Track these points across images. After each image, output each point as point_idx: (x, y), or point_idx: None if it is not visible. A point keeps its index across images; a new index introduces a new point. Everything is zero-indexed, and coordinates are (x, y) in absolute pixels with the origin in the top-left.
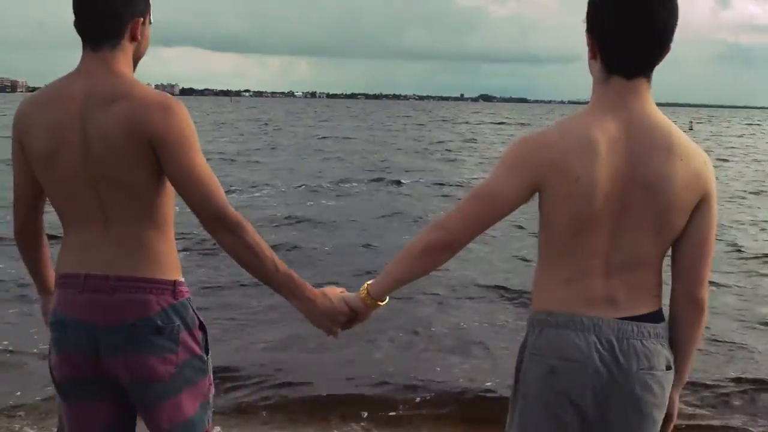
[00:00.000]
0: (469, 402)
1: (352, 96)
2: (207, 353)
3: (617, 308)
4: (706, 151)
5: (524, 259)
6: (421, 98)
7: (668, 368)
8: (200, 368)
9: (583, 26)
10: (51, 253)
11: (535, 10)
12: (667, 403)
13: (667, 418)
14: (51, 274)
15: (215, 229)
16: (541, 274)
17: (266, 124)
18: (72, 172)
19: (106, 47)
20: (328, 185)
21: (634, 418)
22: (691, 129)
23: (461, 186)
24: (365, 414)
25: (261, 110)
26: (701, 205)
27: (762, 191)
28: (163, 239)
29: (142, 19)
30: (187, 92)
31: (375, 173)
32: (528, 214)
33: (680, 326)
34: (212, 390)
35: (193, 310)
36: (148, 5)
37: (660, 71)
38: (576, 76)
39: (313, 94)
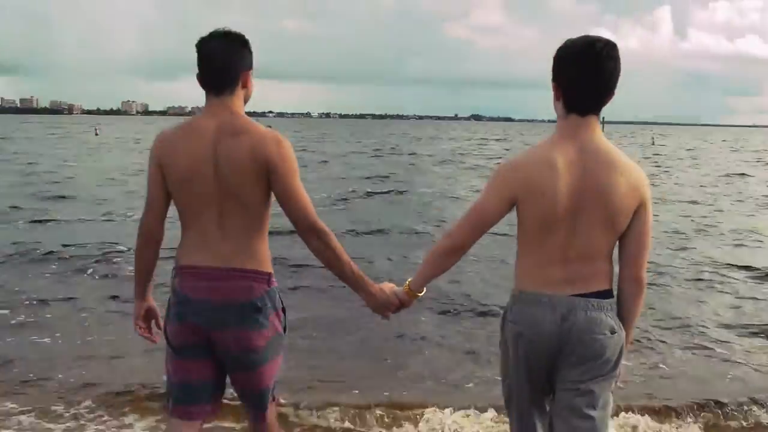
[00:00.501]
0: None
1: (362, 116)
2: (285, 332)
3: (572, 287)
4: (663, 157)
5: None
6: (420, 118)
7: (612, 332)
8: (280, 344)
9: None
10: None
11: (518, 41)
12: (610, 356)
13: (614, 366)
14: (151, 282)
15: (308, 236)
16: (518, 262)
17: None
18: (203, 188)
19: (226, 93)
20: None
21: (588, 366)
22: (653, 144)
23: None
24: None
25: (283, 128)
26: (639, 209)
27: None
28: (263, 241)
29: (250, 70)
30: None
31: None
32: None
33: (626, 300)
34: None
35: (279, 296)
36: (252, 59)
37: (628, 94)
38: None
39: (327, 115)
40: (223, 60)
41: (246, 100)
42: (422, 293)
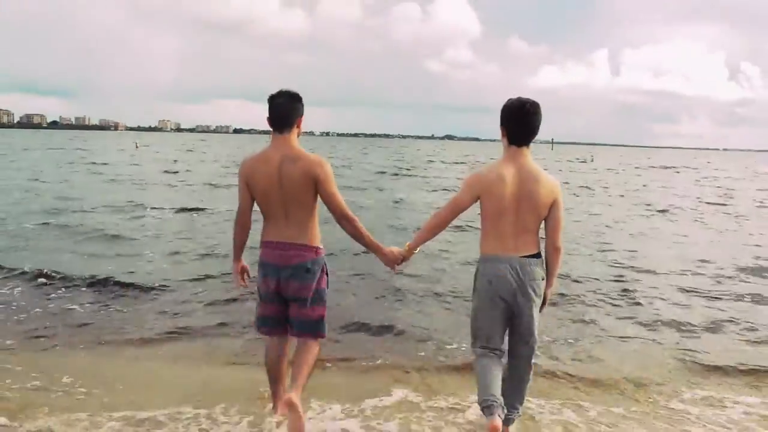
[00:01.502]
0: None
1: (356, 135)
2: (327, 288)
3: (518, 252)
4: (595, 171)
5: None
6: (404, 137)
7: (542, 279)
8: (322, 297)
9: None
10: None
11: (484, 75)
12: (542, 295)
13: (543, 302)
14: (242, 251)
15: (341, 222)
16: (482, 237)
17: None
18: (274, 196)
19: (286, 132)
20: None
21: (527, 301)
22: (593, 161)
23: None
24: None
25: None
26: (553, 204)
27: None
28: (313, 226)
29: (302, 117)
30: (238, 131)
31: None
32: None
33: (549, 259)
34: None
35: (325, 263)
36: (303, 109)
37: (574, 119)
38: None
39: (327, 133)
40: (285, 111)
41: (298, 135)
42: (417, 251)
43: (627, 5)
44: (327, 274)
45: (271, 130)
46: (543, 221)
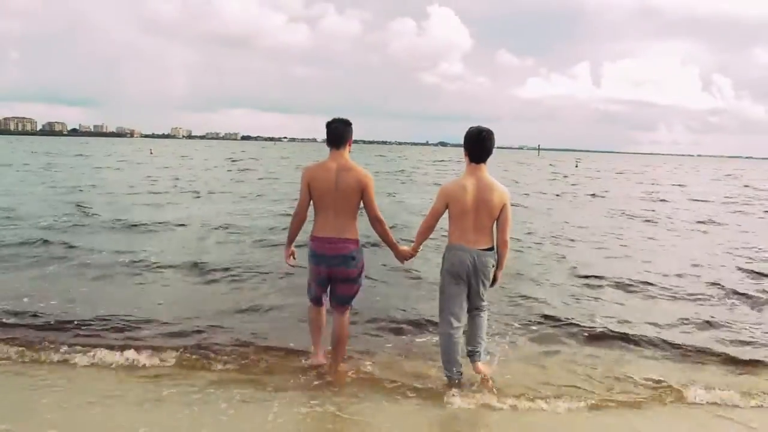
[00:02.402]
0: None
1: (355, 142)
2: (363, 271)
3: (476, 245)
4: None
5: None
6: (400, 144)
7: (493, 266)
8: (359, 279)
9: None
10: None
11: (474, 86)
12: (490, 276)
13: (494, 280)
14: (294, 239)
15: (374, 222)
16: (449, 233)
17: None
18: (329, 198)
19: (342, 148)
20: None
21: (478, 282)
22: (577, 167)
23: None
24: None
25: (291, 151)
26: (503, 207)
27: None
28: (355, 223)
29: (352, 138)
30: (245, 138)
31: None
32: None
33: (500, 251)
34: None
35: (362, 253)
36: (353, 131)
37: (558, 128)
38: (501, 129)
39: None
40: (340, 132)
41: (349, 151)
42: (419, 251)
43: (606, 22)
44: (363, 261)
45: (328, 147)
46: (495, 221)
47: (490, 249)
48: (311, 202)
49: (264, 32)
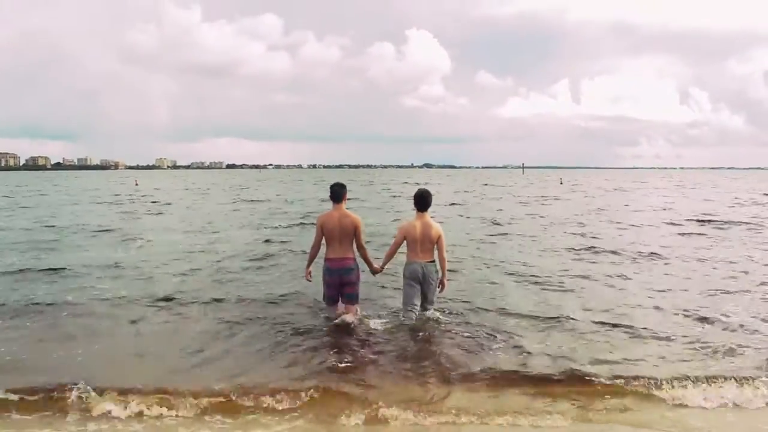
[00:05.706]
0: None
1: (340, 166)
2: (359, 279)
3: (424, 259)
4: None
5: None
6: (385, 167)
7: (437, 273)
8: (358, 282)
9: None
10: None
11: (455, 108)
12: (435, 283)
13: (442, 287)
14: (312, 262)
15: (360, 249)
16: (407, 254)
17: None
18: (336, 234)
19: (341, 203)
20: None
21: (428, 284)
22: (561, 184)
23: None
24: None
25: (279, 178)
26: (439, 237)
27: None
28: (352, 248)
29: (347, 193)
30: (230, 166)
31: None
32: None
33: (441, 264)
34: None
35: (358, 266)
36: (347, 191)
37: (541, 146)
38: (486, 150)
39: (314, 166)
40: (340, 192)
41: (345, 204)
42: (385, 268)
43: (582, 41)
44: (359, 270)
45: (331, 201)
46: (435, 245)
47: (432, 262)
48: (323, 237)
49: (244, 61)
